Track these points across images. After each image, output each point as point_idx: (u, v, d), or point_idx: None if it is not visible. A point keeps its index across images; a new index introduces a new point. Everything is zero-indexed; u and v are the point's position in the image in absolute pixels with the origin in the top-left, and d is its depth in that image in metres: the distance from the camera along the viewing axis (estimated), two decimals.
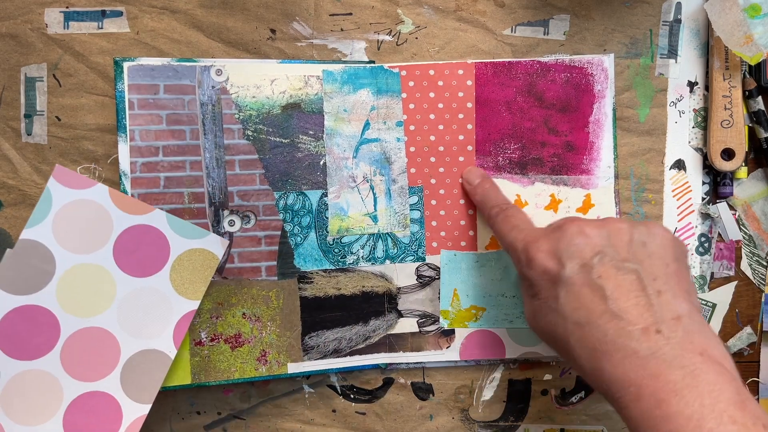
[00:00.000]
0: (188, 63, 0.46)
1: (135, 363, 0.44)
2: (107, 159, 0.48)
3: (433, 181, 0.49)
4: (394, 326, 0.49)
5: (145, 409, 0.44)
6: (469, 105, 0.48)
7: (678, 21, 0.50)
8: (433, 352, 0.49)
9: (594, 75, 0.49)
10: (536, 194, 0.49)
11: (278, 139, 0.47)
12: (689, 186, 0.51)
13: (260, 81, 0.47)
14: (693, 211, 0.51)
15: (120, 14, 0.47)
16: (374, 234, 0.49)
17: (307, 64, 0.48)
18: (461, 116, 0.48)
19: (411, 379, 0.50)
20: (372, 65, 0.48)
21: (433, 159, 0.49)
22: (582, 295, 0.35)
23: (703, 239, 0.51)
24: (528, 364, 0.50)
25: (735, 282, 0.51)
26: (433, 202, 0.49)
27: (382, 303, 0.49)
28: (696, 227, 0.51)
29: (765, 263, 0.51)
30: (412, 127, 0.48)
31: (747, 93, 0.50)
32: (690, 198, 0.51)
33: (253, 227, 0.47)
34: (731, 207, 0.51)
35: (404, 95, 0.48)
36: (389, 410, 0.50)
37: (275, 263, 0.48)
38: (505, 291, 0.49)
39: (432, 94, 0.48)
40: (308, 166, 0.48)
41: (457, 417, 0.50)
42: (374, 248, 0.49)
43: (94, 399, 0.44)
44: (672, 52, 0.50)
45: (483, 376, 0.50)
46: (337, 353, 0.48)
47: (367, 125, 0.48)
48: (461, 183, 0.48)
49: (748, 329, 0.51)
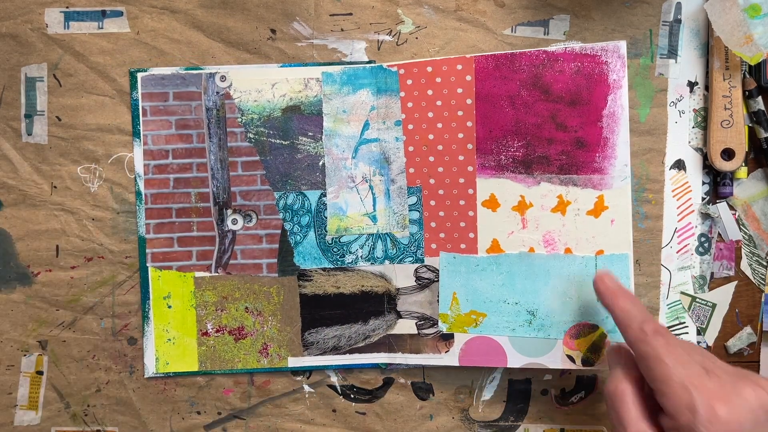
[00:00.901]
0: (195, 71, 0.48)
1: None
2: (107, 159, 0.48)
3: (432, 181, 0.48)
4: (394, 327, 0.49)
5: None
6: (469, 101, 0.47)
7: (678, 21, 0.50)
8: (432, 356, 0.49)
9: (609, 63, 0.46)
10: (542, 195, 0.47)
11: (278, 141, 0.49)
12: (689, 186, 0.51)
13: (262, 85, 0.48)
14: (693, 211, 0.51)
15: (120, 14, 0.48)
16: (373, 234, 0.49)
17: (307, 67, 0.48)
18: (460, 113, 0.47)
19: (411, 379, 0.50)
20: (371, 65, 0.48)
21: (432, 158, 0.48)
22: None
23: (703, 239, 0.51)
24: None
25: (735, 282, 0.51)
26: (432, 203, 0.48)
27: (382, 303, 0.49)
28: (696, 227, 0.51)
29: (765, 263, 0.51)
30: (411, 126, 0.48)
31: (747, 93, 0.49)
32: (690, 198, 0.51)
33: (255, 226, 0.49)
34: (731, 207, 0.51)
35: (402, 94, 0.48)
36: (389, 410, 0.50)
37: (276, 261, 0.49)
38: (507, 297, 0.47)
39: (430, 92, 0.48)
40: (308, 167, 0.48)
41: (457, 417, 0.50)
42: (373, 248, 0.49)
43: None
44: (672, 52, 0.50)
45: (483, 376, 0.50)
46: (337, 350, 0.49)
47: (367, 125, 0.48)
48: (594, 286, 0.44)
49: (748, 329, 0.51)
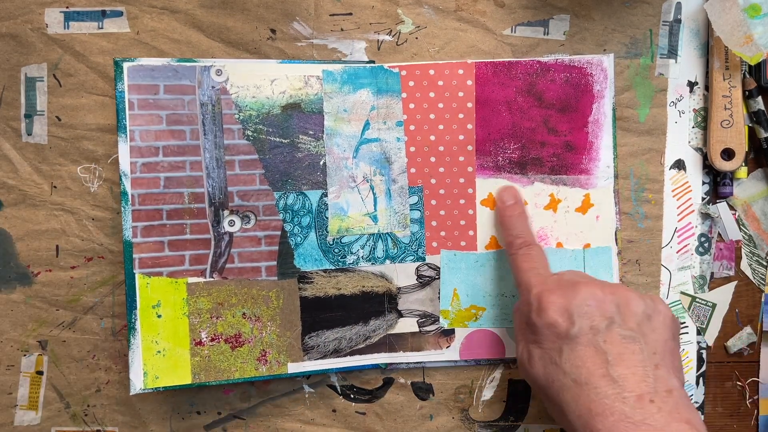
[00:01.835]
0: (188, 63, 0.46)
1: None
2: (107, 159, 0.48)
3: (433, 181, 0.49)
4: (394, 326, 0.49)
5: None
6: (469, 105, 0.48)
7: (678, 21, 0.50)
8: (433, 352, 0.49)
9: (593, 75, 0.49)
10: (536, 194, 0.49)
11: (278, 140, 0.47)
12: (689, 186, 0.51)
13: (260, 81, 0.47)
14: (693, 211, 0.51)
15: (120, 14, 0.47)
16: (374, 234, 0.49)
17: (307, 64, 0.47)
18: (461, 116, 0.48)
19: (411, 379, 0.50)
20: (372, 65, 0.48)
21: (433, 159, 0.48)
22: (585, 356, 0.38)
23: (703, 239, 0.51)
24: None
25: (735, 282, 0.51)
26: (433, 202, 0.49)
27: (383, 303, 0.49)
28: (696, 227, 0.51)
29: (765, 263, 0.51)
30: (412, 127, 0.48)
31: (747, 93, 0.50)
32: (690, 198, 0.51)
33: (253, 227, 0.47)
34: (731, 207, 0.51)
35: (404, 95, 0.48)
36: (389, 410, 0.50)
37: (275, 263, 0.48)
38: (505, 290, 0.49)
39: (432, 94, 0.48)
40: (308, 166, 0.48)
41: (457, 417, 0.50)
42: (374, 248, 0.49)
43: None
44: (672, 52, 0.50)
45: (483, 376, 0.50)
46: (338, 353, 0.48)
47: (367, 125, 0.48)
48: (496, 198, 0.48)
49: (748, 329, 0.51)
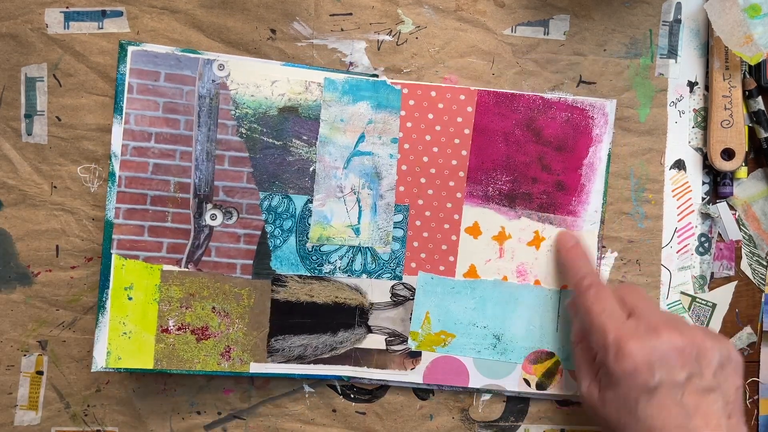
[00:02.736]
0: (192, 54, 0.47)
1: None
2: (107, 159, 0.48)
3: (421, 202, 0.48)
4: (362, 341, 0.49)
5: None
6: (467, 131, 0.48)
7: (678, 21, 0.50)
8: (397, 372, 0.49)
9: (594, 118, 0.48)
10: (521, 228, 0.49)
11: (271, 140, 0.47)
12: (689, 186, 0.51)
13: (261, 81, 0.47)
14: (693, 211, 0.51)
15: (120, 14, 0.47)
16: (354, 246, 0.48)
17: (310, 70, 0.47)
18: (457, 141, 0.48)
19: None
20: (375, 79, 0.48)
21: (423, 180, 0.48)
22: (663, 407, 0.38)
23: (703, 239, 0.51)
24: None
25: (735, 282, 0.51)
26: (418, 223, 0.48)
27: (353, 316, 0.49)
28: (696, 227, 0.51)
29: (765, 263, 0.51)
30: (407, 146, 0.48)
31: (747, 93, 0.50)
32: (690, 198, 0.51)
33: (234, 224, 0.48)
34: (731, 207, 0.51)
35: (403, 113, 0.48)
36: (389, 410, 0.50)
37: (251, 262, 0.48)
38: (477, 321, 0.49)
39: (431, 116, 0.48)
40: (297, 171, 0.48)
41: (457, 417, 0.50)
42: (353, 260, 0.48)
43: None
44: (672, 52, 0.50)
45: None
46: (301, 360, 0.48)
47: (362, 138, 0.48)
48: (555, 243, 0.49)
49: (748, 329, 0.51)
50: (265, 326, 0.48)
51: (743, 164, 0.50)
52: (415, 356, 0.49)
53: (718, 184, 0.50)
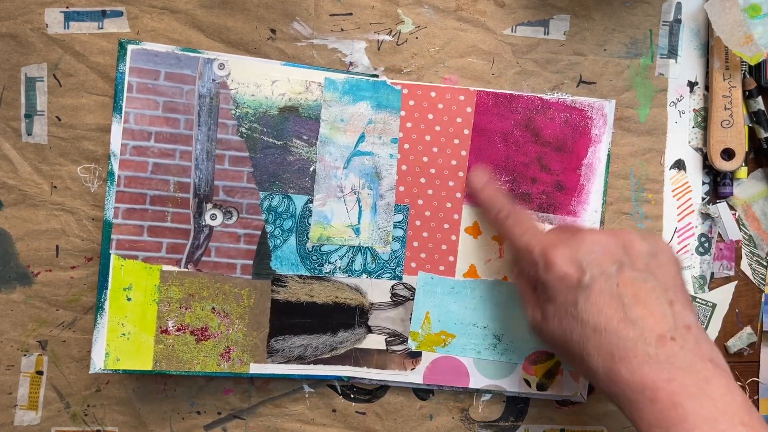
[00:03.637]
0: (192, 53, 0.46)
1: None
2: (107, 159, 0.48)
3: (420, 202, 0.48)
4: (362, 341, 0.49)
5: None
6: (466, 132, 0.48)
7: (678, 21, 0.50)
8: (397, 372, 0.49)
9: (593, 119, 0.48)
10: None
11: (271, 140, 0.47)
12: (689, 186, 0.51)
13: (261, 80, 0.47)
14: (693, 211, 0.51)
15: (120, 14, 0.47)
16: (354, 246, 0.48)
17: (311, 70, 0.47)
18: (457, 141, 0.48)
19: None
20: (375, 79, 0.48)
21: (423, 180, 0.48)
22: (601, 302, 0.37)
23: (703, 239, 0.51)
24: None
25: (735, 282, 0.51)
26: (418, 223, 0.48)
27: (353, 316, 0.49)
28: (696, 227, 0.51)
29: (765, 263, 0.51)
30: (407, 146, 0.48)
31: (747, 93, 0.50)
32: (690, 198, 0.51)
33: (234, 224, 0.48)
34: (731, 207, 0.51)
35: (403, 113, 0.48)
36: (389, 410, 0.50)
37: (251, 262, 0.48)
38: (477, 321, 0.49)
39: (430, 116, 0.48)
40: (297, 171, 0.48)
41: (457, 417, 0.50)
42: (353, 260, 0.48)
43: None
44: (672, 52, 0.50)
45: None
46: (302, 360, 0.48)
47: (362, 138, 0.48)
48: (465, 185, 0.48)
49: (748, 329, 0.51)
50: (265, 327, 0.48)
51: (743, 164, 0.50)
52: (415, 356, 0.49)
53: (718, 184, 0.50)
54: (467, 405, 0.50)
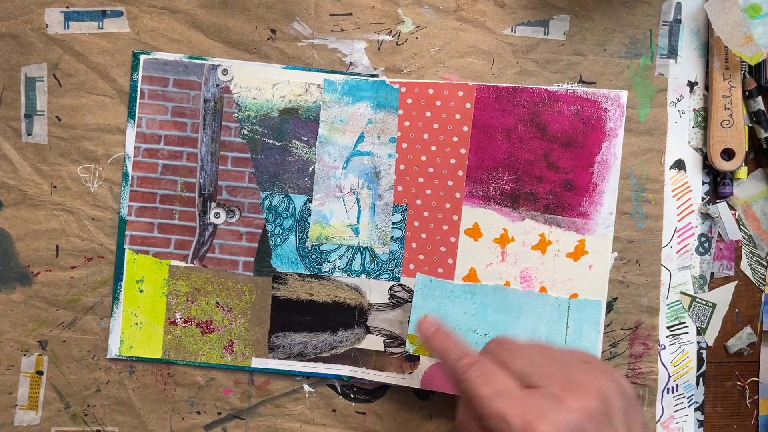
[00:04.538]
0: (198, 60, 0.48)
1: None
2: (107, 159, 0.48)
3: (419, 202, 0.48)
4: (361, 341, 0.49)
5: None
6: (465, 129, 0.47)
7: (678, 21, 0.50)
8: (396, 375, 0.48)
9: (608, 111, 0.46)
10: (525, 231, 0.47)
11: (272, 142, 0.48)
12: (689, 186, 0.51)
13: (263, 84, 0.48)
14: (693, 211, 0.51)
15: (120, 14, 0.48)
16: (353, 246, 0.48)
17: (310, 72, 0.48)
18: (455, 139, 0.47)
19: None
20: (374, 79, 0.48)
21: (422, 179, 0.48)
22: None
23: (703, 239, 0.51)
24: None
25: (735, 282, 0.51)
26: (416, 224, 0.48)
27: (353, 316, 0.49)
28: (696, 227, 0.51)
29: (765, 263, 0.51)
30: (405, 145, 0.48)
31: (747, 93, 0.50)
32: (690, 198, 0.51)
33: (237, 222, 0.49)
34: (731, 207, 0.51)
35: (401, 111, 0.48)
36: (389, 410, 0.50)
37: (253, 260, 0.49)
38: (477, 327, 0.47)
39: (428, 114, 0.47)
40: (297, 171, 0.48)
41: None
42: (352, 260, 0.49)
43: None
44: (672, 52, 0.50)
45: None
46: (302, 357, 0.49)
47: (362, 138, 0.48)
48: (418, 335, 0.43)
49: (748, 329, 0.51)
50: (266, 322, 0.49)
51: (743, 164, 0.50)
52: (413, 360, 0.48)
53: (718, 184, 0.50)
54: None
